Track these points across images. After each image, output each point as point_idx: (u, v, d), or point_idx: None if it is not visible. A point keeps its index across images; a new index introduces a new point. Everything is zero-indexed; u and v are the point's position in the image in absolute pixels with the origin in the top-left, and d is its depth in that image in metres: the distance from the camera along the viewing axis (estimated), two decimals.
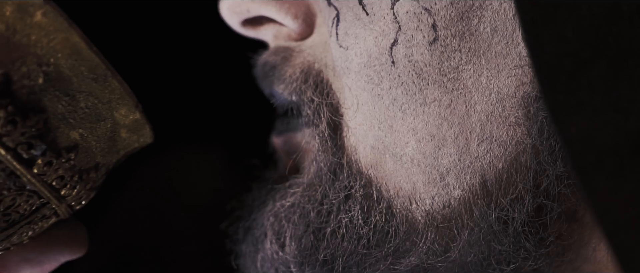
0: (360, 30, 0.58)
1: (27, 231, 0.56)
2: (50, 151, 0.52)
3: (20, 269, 0.60)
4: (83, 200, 0.56)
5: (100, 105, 0.53)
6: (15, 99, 0.50)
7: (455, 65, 0.57)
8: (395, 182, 0.59)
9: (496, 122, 0.58)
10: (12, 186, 0.52)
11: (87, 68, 0.51)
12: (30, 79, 0.51)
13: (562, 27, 0.47)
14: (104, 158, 0.55)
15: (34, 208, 0.54)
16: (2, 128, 0.50)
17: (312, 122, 0.60)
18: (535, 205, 0.57)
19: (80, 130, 0.53)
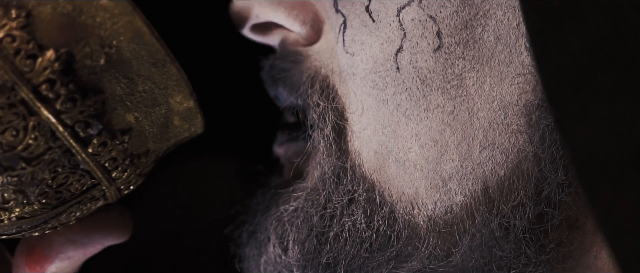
0: (366, 37, 0.60)
1: (76, 212, 0.58)
2: (106, 132, 0.54)
3: (65, 250, 0.61)
4: (131, 184, 0.58)
5: (157, 90, 0.55)
6: (76, 78, 0.52)
7: (459, 72, 0.59)
8: (398, 187, 0.61)
9: (498, 129, 0.60)
10: (66, 163, 0.54)
11: (148, 53, 0.54)
12: (92, 59, 0.53)
13: (568, 39, 0.49)
14: (155, 144, 0.57)
15: (84, 188, 0.56)
16: (62, 105, 0.53)
17: (318, 126, 0.62)
18: (537, 212, 0.59)
19: (136, 114, 0.55)
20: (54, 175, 0.54)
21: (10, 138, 0.52)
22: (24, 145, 0.53)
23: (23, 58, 0.52)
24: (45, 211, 0.56)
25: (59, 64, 0.52)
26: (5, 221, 0.56)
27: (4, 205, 0.55)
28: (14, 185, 0.54)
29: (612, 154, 0.49)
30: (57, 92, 0.52)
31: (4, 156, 0.53)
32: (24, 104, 0.52)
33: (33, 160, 0.53)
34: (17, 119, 0.52)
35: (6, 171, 0.53)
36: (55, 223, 0.58)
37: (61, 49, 0.52)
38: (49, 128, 0.53)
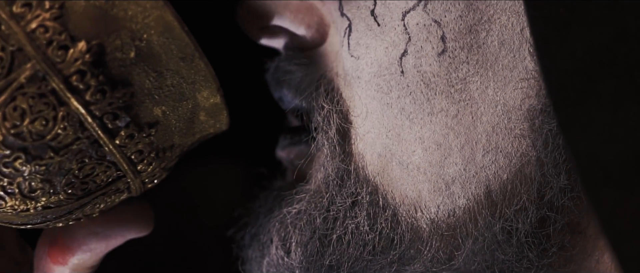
0: (371, 41, 0.61)
1: (100, 204, 0.59)
2: (133, 125, 0.56)
3: (87, 242, 0.63)
4: (156, 178, 0.60)
5: (184, 84, 0.56)
6: (106, 70, 0.54)
7: (463, 76, 0.60)
8: (401, 190, 0.62)
9: (502, 133, 0.61)
10: (93, 154, 0.55)
11: (177, 47, 0.55)
12: (122, 52, 0.54)
13: (573, 45, 0.50)
14: (181, 139, 0.58)
15: (110, 180, 0.57)
16: (92, 97, 0.54)
17: (322, 128, 0.63)
18: (539, 216, 0.61)
19: (163, 107, 0.56)
20: (81, 166, 0.56)
21: (40, 127, 0.54)
22: (53, 135, 0.54)
23: (55, 49, 0.53)
24: (71, 202, 0.57)
25: (90, 56, 0.53)
26: (31, 210, 0.57)
27: (30, 194, 0.56)
28: (41, 174, 0.55)
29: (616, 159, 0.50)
30: (87, 83, 0.54)
31: (33, 145, 0.54)
32: (55, 94, 0.53)
33: (61, 150, 0.55)
34: (47, 108, 0.54)
35: (34, 160, 0.54)
36: (79, 214, 0.59)
37: (92, 41, 0.54)
38: (78, 118, 0.54)
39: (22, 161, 0.54)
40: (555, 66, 0.50)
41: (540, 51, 0.51)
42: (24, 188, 0.56)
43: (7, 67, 0.53)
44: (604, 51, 0.50)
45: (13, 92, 0.53)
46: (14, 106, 0.53)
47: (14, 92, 0.53)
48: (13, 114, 0.53)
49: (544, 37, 0.51)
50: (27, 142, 0.54)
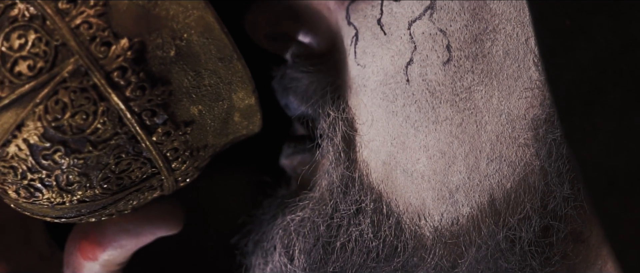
0: (377, 49, 0.63)
1: (133, 200, 0.61)
2: (170, 122, 0.58)
3: (118, 238, 0.65)
4: (188, 177, 0.62)
5: (221, 85, 0.58)
6: (147, 68, 0.56)
7: (468, 85, 0.62)
8: (405, 198, 0.63)
9: (506, 142, 0.62)
10: (130, 150, 0.58)
11: (216, 47, 0.57)
12: (163, 50, 0.56)
13: (579, 56, 0.52)
14: (214, 139, 0.60)
15: (144, 177, 0.59)
16: (132, 93, 0.56)
17: (327, 135, 0.64)
18: (543, 225, 0.62)
19: (200, 106, 0.58)
20: (118, 161, 0.58)
21: (80, 121, 0.56)
22: (92, 129, 0.56)
23: (98, 45, 0.55)
24: (106, 197, 0.59)
25: (132, 53, 0.56)
26: (66, 203, 0.59)
27: (67, 187, 0.58)
28: (79, 167, 0.57)
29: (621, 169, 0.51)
30: (128, 79, 0.56)
31: (73, 139, 0.56)
32: (96, 89, 0.56)
33: (100, 144, 0.57)
34: (88, 103, 0.56)
35: (73, 153, 0.57)
36: (112, 210, 0.61)
37: (134, 39, 0.56)
38: (118, 114, 0.56)
39: (61, 154, 0.56)
40: (561, 77, 0.52)
41: (546, 62, 0.52)
42: (61, 181, 0.58)
43: (50, 61, 0.55)
44: (609, 62, 0.52)
45: (56, 86, 0.55)
46: (56, 99, 0.56)
47: (57, 86, 0.55)
48: (55, 108, 0.56)
49: (550, 48, 0.52)
50: (67, 135, 0.56)
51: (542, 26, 0.53)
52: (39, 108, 0.55)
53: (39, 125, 0.56)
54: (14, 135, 0.56)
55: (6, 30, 0.55)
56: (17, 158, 0.57)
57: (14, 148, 0.57)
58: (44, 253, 0.70)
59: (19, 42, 0.55)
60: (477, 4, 0.61)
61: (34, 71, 0.55)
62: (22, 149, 0.56)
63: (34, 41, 0.55)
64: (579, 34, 0.52)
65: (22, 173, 0.57)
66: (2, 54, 0.55)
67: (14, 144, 0.57)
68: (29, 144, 0.56)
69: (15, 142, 0.56)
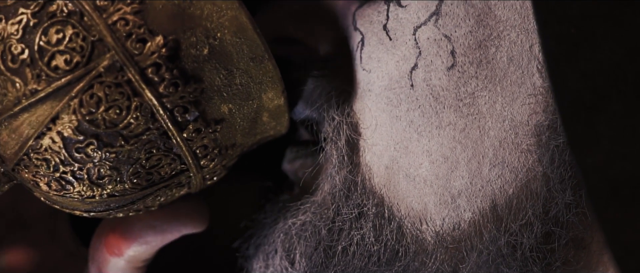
0: (382, 54, 0.64)
1: (161, 197, 0.63)
2: (201, 120, 0.60)
3: (144, 234, 0.66)
4: (216, 176, 0.64)
5: (252, 84, 0.61)
6: (180, 65, 0.58)
7: (472, 91, 0.63)
8: (407, 202, 0.65)
9: (509, 148, 0.64)
10: (161, 146, 0.60)
11: (248, 47, 0.60)
12: (196, 48, 0.59)
13: (583, 63, 0.54)
14: (243, 139, 0.63)
15: (173, 173, 0.62)
16: (165, 89, 0.58)
17: (331, 138, 0.66)
18: (544, 231, 0.64)
19: (230, 105, 0.61)
20: (149, 156, 0.60)
21: (114, 115, 0.58)
22: (125, 124, 0.59)
23: (134, 41, 0.58)
24: (135, 192, 0.61)
25: (166, 50, 0.58)
26: (96, 197, 0.61)
27: (98, 180, 0.60)
28: (110, 161, 0.59)
29: (623, 176, 0.53)
30: (162, 76, 0.58)
31: (106, 133, 0.58)
32: (130, 84, 0.58)
33: (132, 139, 0.59)
34: (122, 98, 0.58)
35: (105, 147, 0.59)
36: (140, 206, 0.63)
37: (169, 36, 0.58)
38: (151, 109, 0.59)
39: (94, 147, 0.59)
40: (565, 84, 0.53)
41: (550, 69, 0.54)
42: (92, 174, 0.60)
43: (87, 56, 0.57)
44: (614, 70, 0.54)
45: (91, 81, 0.57)
46: (90, 93, 0.58)
47: (92, 80, 0.57)
48: (89, 102, 0.58)
49: (555, 55, 0.54)
50: (100, 129, 0.58)
51: (547, 33, 0.54)
52: (74, 101, 0.58)
53: (73, 118, 0.58)
54: (48, 128, 0.58)
55: (45, 25, 0.58)
56: (51, 150, 0.59)
57: (47, 141, 0.59)
58: (69, 249, 0.72)
59: (57, 37, 0.57)
60: (482, 10, 0.63)
61: (70, 65, 0.57)
62: (56, 141, 0.59)
63: (72, 36, 0.57)
64: (584, 41, 0.54)
65: (55, 165, 0.59)
66: (40, 48, 0.57)
67: (48, 136, 0.59)
68: (63, 137, 0.58)
69: (49, 135, 0.59)
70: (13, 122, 0.59)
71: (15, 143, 0.60)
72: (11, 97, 0.59)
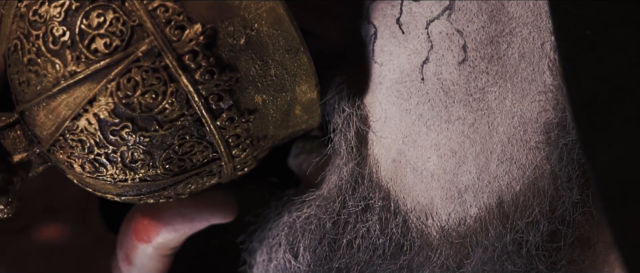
0: (395, 48, 0.66)
1: (191, 184, 0.66)
2: (235, 109, 0.63)
3: (173, 222, 0.69)
4: (246, 166, 0.67)
5: (286, 76, 0.64)
6: (217, 53, 0.61)
7: (482, 86, 0.65)
8: (413, 196, 0.67)
9: (517, 145, 0.66)
10: (194, 133, 0.63)
11: (285, 39, 0.63)
12: (233, 38, 0.62)
13: (597, 65, 0.56)
14: (275, 130, 0.65)
15: (205, 161, 0.64)
16: (201, 76, 0.61)
17: (341, 130, 0.68)
18: (550, 230, 0.66)
19: (264, 96, 0.64)
20: (182, 142, 0.63)
21: (150, 100, 0.61)
22: (160, 108, 0.61)
23: (173, 28, 0.60)
24: (166, 178, 0.64)
25: (204, 38, 0.61)
26: (128, 181, 0.64)
27: (131, 164, 0.63)
28: (144, 145, 0.62)
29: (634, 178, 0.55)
30: (199, 63, 0.61)
31: (141, 117, 0.61)
32: (167, 70, 0.61)
33: (166, 124, 0.62)
34: (159, 83, 0.61)
35: (140, 131, 0.62)
36: (171, 193, 0.66)
37: (207, 25, 0.61)
38: (186, 96, 0.61)
39: (129, 130, 0.61)
40: (579, 85, 0.55)
41: (565, 70, 0.56)
42: (126, 158, 0.63)
43: (126, 40, 0.60)
44: (628, 72, 0.56)
45: (129, 65, 0.60)
46: (128, 77, 0.61)
47: (130, 64, 0.60)
48: (126, 85, 0.61)
49: (570, 56, 0.56)
50: (136, 113, 0.61)
51: (563, 34, 0.56)
52: (112, 84, 0.60)
53: (110, 101, 0.61)
54: (85, 109, 0.61)
55: (86, 9, 0.60)
56: (86, 132, 0.62)
57: (84, 122, 0.62)
58: (98, 234, 0.74)
59: (98, 21, 0.60)
60: (495, 6, 0.65)
61: (109, 49, 0.60)
62: (92, 123, 0.61)
63: (112, 20, 0.60)
64: (599, 43, 0.56)
65: (89, 147, 0.62)
66: (81, 31, 0.60)
67: (84, 118, 0.61)
68: (99, 119, 0.61)
69: (85, 116, 0.61)
70: (51, 103, 0.62)
71: (52, 124, 0.62)
72: (51, 79, 0.61)
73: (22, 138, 0.64)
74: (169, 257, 0.72)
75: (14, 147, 0.64)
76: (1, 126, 0.64)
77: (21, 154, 0.64)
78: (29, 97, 0.63)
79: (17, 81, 0.63)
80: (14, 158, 0.64)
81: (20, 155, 0.64)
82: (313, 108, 0.66)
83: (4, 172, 0.64)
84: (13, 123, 0.64)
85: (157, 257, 0.71)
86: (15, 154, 0.64)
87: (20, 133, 0.64)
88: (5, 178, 0.64)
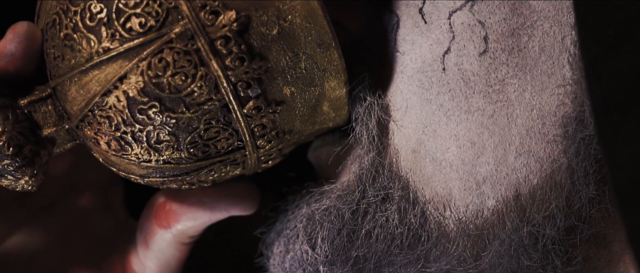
0: (417, 37, 0.69)
1: (214, 172, 0.69)
2: (262, 98, 0.66)
3: (194, 210, 0.73)
4: (270, 160, 0.70)
5: (316, 70, 0.67)
6: (249, 41, 0.65)
7: (502, 78, 0.69)
8: (432, 187, 0.70)
9: (535, 137, 0.69)
10: (221, 118, 0.66)
11: (317, 33, 0.66)
12: (266, 28, 0.65)
13: (618, 63, 0.59)
14: (301, 125, 0.69)
15: (230, 149, 0.68)
16: (231, 62, 0.65)
17: (362, 119, 0.71)
18: (567, 225, 0.69)
19: (293, 88, 0.67)
20: (207, 127, 0.66)
21: (179, 81, 0.64)
22: (188, 91, 0.65)
23: (207, 12, 0.64)
24: (190, 162, 0.68)
25: (237, 25, 0.64)
26: (152, 162, 0.68)
27: (156, 144, 0.66)
28: (170, 126, 0.66)
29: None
30: (230, 49, 0.64)
31: (169, 97, 0.65)
32: (198, 53, 0.64)
33: (193, 107, 0.65)
34: (189, 66, 0.64)
35: (167, 111, 0.65)
36: (194, 179, 0.70)
37: (242, 12, 0.64)
38: (215, 80, 0.65)
39: (156, 110, 0.65)
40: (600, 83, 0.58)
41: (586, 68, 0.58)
42: (151, 138, 0.66)
43: (161, 21, 0.64)
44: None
45: (162, 45, 0.64)
46: (160, 57, 0.64)
47: (163, 45, 0.64)
48: (157, 65, 0.64)
49: (591, 54, 0.58)
50: (165, 93, 0.65)
51: (585, 32, 0.59)
52: (143, 63, 0.64)
53: (140, 80, 0.64)
54: (115, 86, 0.65)
55: None
56: (115, 108, 0.66)
57: (113, 99, 0.65)
58: (120, 219, 0.77)
59: (135, 1, 0.64)
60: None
61: (144, 28, 0.64)
62: (121, 100, 0.65)
63: (149, 1, 0.64)
64: (620, 43, 0.59)
65: (117, 124, 0.66)
66: (117, 9, 0.64)
67: (114, 94, 0.65)
68: (128, 96, 0.65)
69: (115, 93, 0.65)
70: (83, 78, 0.66)
71: (82, 99, 0.66)
72: (85, 54, 0.65)
73: (53, 113, 0.68)
74: (187, 246, 0.76)
75: (44, 121, 0.68)
76: (34, 99, 0.68)
77: (51, 129, 0.68)
78: (62, 72, 0.66)
79: (53, 56, 0.67)
80: (44, 131, 0.68)
81: (50, 129, 0.68)
82: (341, 106, 0.69)
83: (32, 144, 0.67)
84: (46, 97, 0.68)
85: (175, 244, 0.75)
86: (45, 128, 0.68)
87: (52, 107, 0.68)
88: (33, 150, 0.67)
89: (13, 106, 0.67)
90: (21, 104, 0.67)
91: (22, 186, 0.68)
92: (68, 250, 0.77)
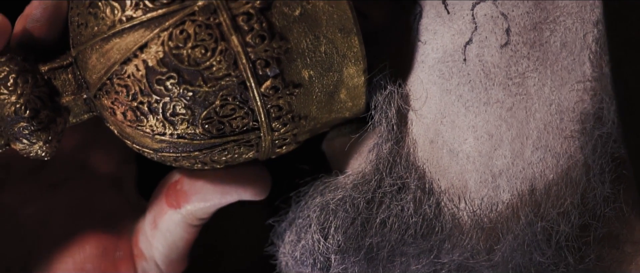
0: (439, 27, 0.72)
1: (228, 153, 0.71)
2: (280, 79, 0.68)
3: (204, 191, 0.74)
4: (285, 145, 0.72)
5: (336, 56, 0.69)
6: (271, 20, 0.67)
7: (522, 71, 0.71)
8: (448, 178, 0.73)
9: (553, 133, 0.71)
10: (237, 96, 0.68)
11: (339, 17, 0.68)
12: (289, 8, 0.67)
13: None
14: (317, 112, 0.71)
15: (244, 128, 0.69)
16: (252, 39, 0.67)
17: (382, 108, 0.73)
18: (582, 222, 0.71)
19: (311, 71, 0.69)
20: (224, 104, 0.68)
21: (199, 54, 0.66)
22: (207, 65, 0.67)
23: None
24: (204, 138, 0.70)
25: (260, 2, 0.66)
26: (166, 136, 0.69)
27: (171, 117, 0.68)
28: (187, 99, 0.68)
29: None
30: (251, 26, 0.66)
31: (187, 70, 0.67)
32: (220, 28, 0.66)
33: (210, 81, 0.67)
34: (209, 39, 0.66)
35: (184, 84, 0.67)
36: (206, 158, 0.71)
37: None
38: (234, 56, 0.67)
39: (174, 81, 0.67)
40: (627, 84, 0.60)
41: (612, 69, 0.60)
42: (167, 110, 0.68)
43: None
44: None
45: (184, 17, 0.66)
46: (181, 29, 0.66)
47: (185, 16, 0.66)
48: (178, 37, 0.66)
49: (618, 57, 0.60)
50: (183, 65, 0.67)
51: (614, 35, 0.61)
52: (164, 34, 0.66)
53: (160, 50, 0.66)
54: (135, 54, 0.67)
55: None
56: (133, 77, 0.68)
57: (132, 67, 0.67)
58: (132, 200, 0.79)
59: None
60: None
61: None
62: (140, 70, 0.67)
63: None
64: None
65: (134, 94, 0.68)
66: None
67: (133, 63, 0.67)
68: (147, 66, 0.67)
69: (134, 62, 0.67)
70: (104, 46, 0.68)
71: (102, 67, 0.68)
72: (108, 21, 0.67)
73: (72, 82, 0.70)
74: (195, 228, 0.77)
75: (64, 89, 0.70)
76: (55, 66, 0.70)
77: (69, 97, 0.70)
78: (84, 39, 0.68)
79: (76, 23, 0.69)
80: (62, 99, 0.70)
81: (68, 97, 0.70)
82: (358, 95, 0.71)
83: (49, 110, 0.69)
84: (66, 65, 0.70)
85: (183, 226, 0.76)
86: (64, 96, 0.70)
87: (72, 76, 0.70)
88: (49, 116, 0.69)
89: (33, 71, 0.69)
90: (42, 70, 0.69)
91: (36, 151, 0.69)
92: (76, 226, 0.78)
